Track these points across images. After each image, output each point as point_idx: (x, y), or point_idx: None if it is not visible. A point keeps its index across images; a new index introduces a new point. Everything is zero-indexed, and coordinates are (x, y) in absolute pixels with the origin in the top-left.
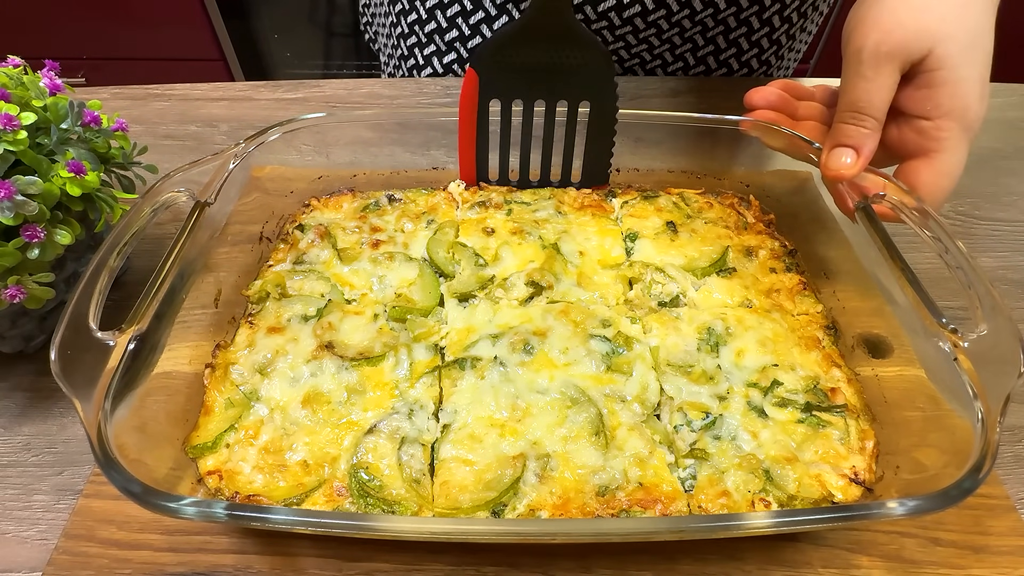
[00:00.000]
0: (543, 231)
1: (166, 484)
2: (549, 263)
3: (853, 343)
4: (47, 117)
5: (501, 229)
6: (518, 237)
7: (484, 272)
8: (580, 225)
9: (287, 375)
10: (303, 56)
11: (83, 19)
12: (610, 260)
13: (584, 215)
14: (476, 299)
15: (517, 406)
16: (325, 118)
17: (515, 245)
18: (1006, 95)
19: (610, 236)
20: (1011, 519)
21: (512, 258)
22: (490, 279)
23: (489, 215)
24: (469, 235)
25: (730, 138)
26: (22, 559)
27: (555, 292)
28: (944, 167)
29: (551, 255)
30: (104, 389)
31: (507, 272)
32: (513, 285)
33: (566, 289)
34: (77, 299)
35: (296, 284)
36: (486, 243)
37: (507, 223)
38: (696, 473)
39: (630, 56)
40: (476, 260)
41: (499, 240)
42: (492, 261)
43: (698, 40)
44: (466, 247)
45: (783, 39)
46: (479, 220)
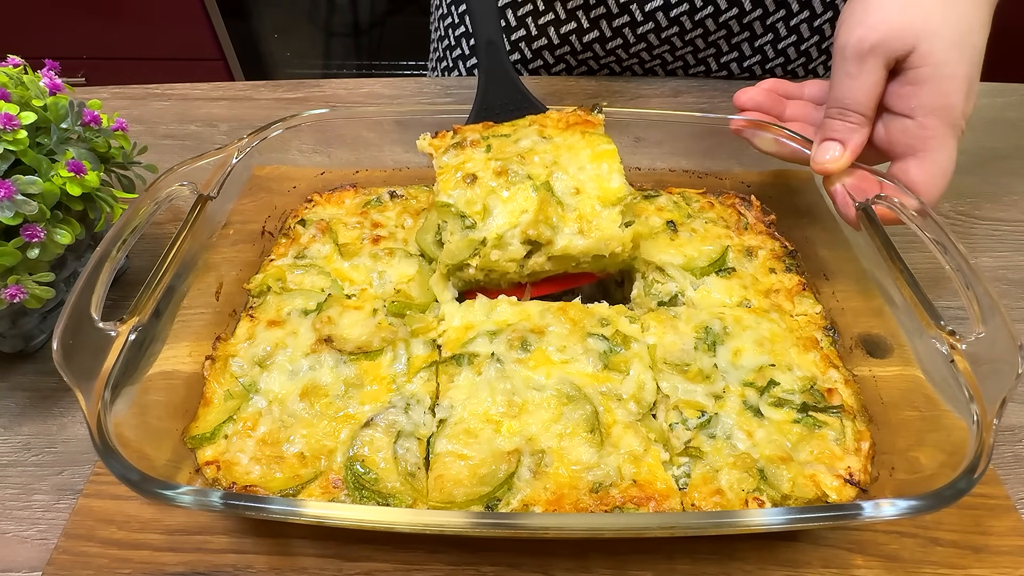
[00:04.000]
0: (531, 168)
1: (164, 474)
2: (543, 210)
3: (852, 344)
4: (47, 117)
5: (484, 172)
6: (504, 180)
7: (474, 234)
8: (570, 149)
9: (286, 368)
10: (303, 56)
11: (83, 19)
12: (610, 195)
13: (572, 135)
14: (470, 267)
15: (513, 402)
16: (328, 114)
17: (502, 194)
18: (1006, 95)
19: (605, 160)
20: (1011, 519)
21: (502, 212)
22: (481, 242)
23: (467, 156)
24: (449, 189)
25: (731, 138)
26: (22, 559)
27: (555, 247)
28: (934, 166)
29: (544, 199)
30: (104, 379)
31: (500, 230)
32: (507, 244)
33: (567, 241)
34: (80, 290)
35: (297, 278)
36: (470, 196)
37: (488, 163)
38: (690, 471)
39: (651, 58)
40: (463, 222)
41: (484, 190)
42: (481, 219)
43: (722, 45)
44: (449, 207)
45: (813, 51)
46: (457, 166)
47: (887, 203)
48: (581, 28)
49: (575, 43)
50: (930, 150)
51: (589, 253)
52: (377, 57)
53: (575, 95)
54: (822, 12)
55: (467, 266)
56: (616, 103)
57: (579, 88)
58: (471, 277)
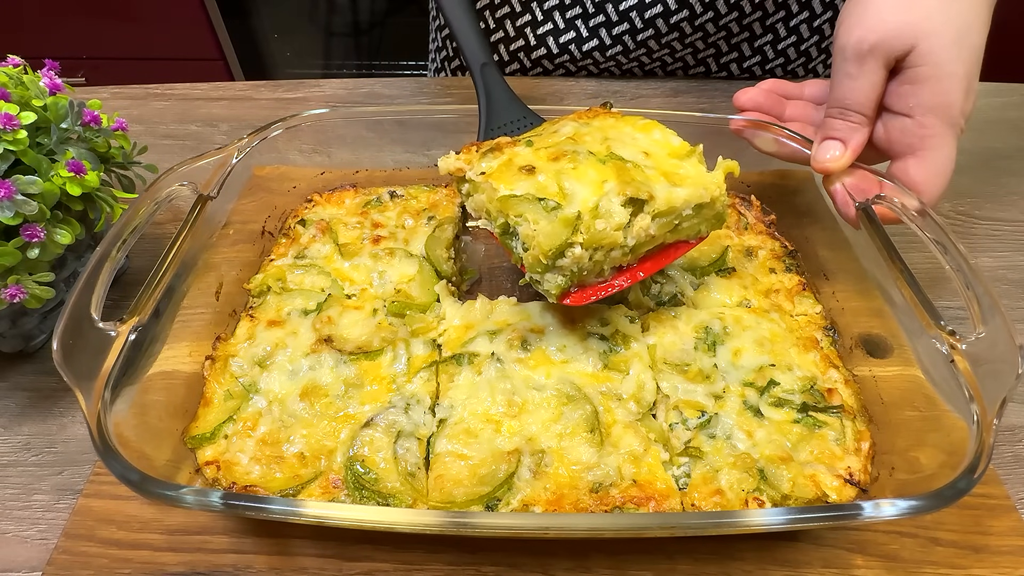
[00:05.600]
0: (587, 145)
1: (164, 474)
2: (625, 174)
3: (852, 344)
4: (47, 117)
5: (539, 162)
6: (566, 162)
7: (564, 212)
8: (613, 127)
9: (286, 368)
10: (303, 56)
11: (83, 19)
12: (680, 151)
13: (605, 119)
14: (574, 248)
15: (513, 402)
16: (328, 114)
17: (572, 172)
18: (1006, 95)
19: (654, 128)
20: (1011, 519)
21: (582, 186)
22: (577, 217)
23: (511, 154)
24: (510, 184)
25: (731, 138)
26: (22, 559)
27: (658, 201)
28: (933, 165)
29: (619, 166)
30: (104, 379)
31: (591, 200)
32: (607, 212)
33: (667, 193)
34: (79, 290)
35: (297, 278)
36: (539, 183)
37: (538, 152)
38: (690, 471)
39: (651, 61)
40: (544, 205)
41: (550, 173)
42: (562, 198)
43: (722, 46)
44: (520, 197)
45: (813, 51)
46: (506, 164)
47: (887, 203)
48: (581, 37)
49: (574, 51)
50: (929, 149)
51: (691, 202)
52: (377, 57)
53: (575, 95)
54: (821, 12)
55: (569, 248)
56: (616, 103)
57: (579, 88)
58: (574, 264)
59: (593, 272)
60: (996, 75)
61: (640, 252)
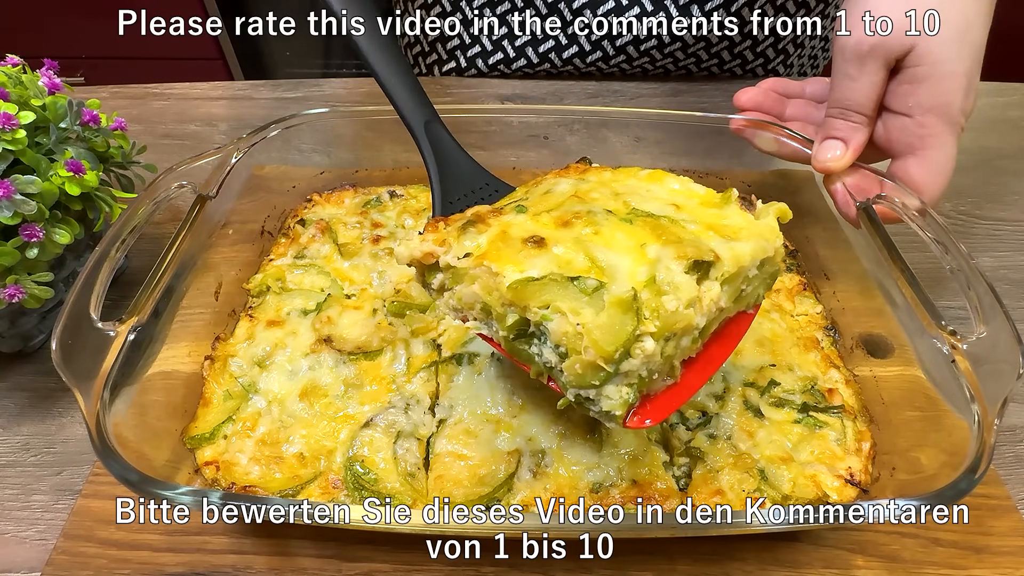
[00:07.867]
0: (598, 203)
1: (163, 474)
2: (666, 232)
3: (852, 344)
4: (46, 116)
5: (548, 230)
6: (581, 226)
7: (616, 292)
8: (615, 181)
9: (285, 368)
10: (303, 56)
11: (82, 18)
12: (710, 197)
13: (598, 173)
14: (645, 342)
15: (513, 402)
16: (327, 114)
17: (595, 238)
18: (1006, 95)
19: (665, 177)
20: (1012, 519)
21: (617, 256)
22: (633, 298)
23: (501, 225)
24: (518, 263)
25: (731, 138)
26: (21, 559)
27: (725, 263)
28: (934, 164)
29: (654, 224)
30: (103, 379)
31: (640, 273)
32: (673, 285)
33: (729, 251)
34: (78, 290)
35: (296, 278)
36: (559, 259)
37: (542, 219)
38: (690, 471)
39: (654, 68)
40: (582, 287)
41: (570, 244)
42: (600, 274)
43: (702, 55)
44: (543, 280)
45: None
46: (499, 238)
47: (888, 202)
48: (583, 51)
49: (578, 63)
50: (929, 148)
51: (758, 258)
52: None
53: (575, 95)
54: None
55: (638, 343)
56: (616, 103)
57: (579, 88)
58: (644, 364)
59: (663, 373)
60: (996, 75)
61: (707, 335)
